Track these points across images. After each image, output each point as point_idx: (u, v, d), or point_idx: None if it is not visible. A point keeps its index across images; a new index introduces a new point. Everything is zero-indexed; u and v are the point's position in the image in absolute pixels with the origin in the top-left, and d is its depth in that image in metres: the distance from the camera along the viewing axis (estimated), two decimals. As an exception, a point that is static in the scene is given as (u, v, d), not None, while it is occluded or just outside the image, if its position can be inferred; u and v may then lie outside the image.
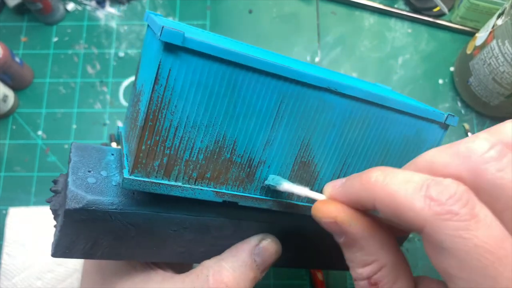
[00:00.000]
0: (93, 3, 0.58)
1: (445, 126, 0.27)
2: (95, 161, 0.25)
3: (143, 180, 0.22)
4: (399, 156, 0.27)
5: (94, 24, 0.57)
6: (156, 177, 0.22)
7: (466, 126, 0.52)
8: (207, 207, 0.25)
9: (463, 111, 0.53)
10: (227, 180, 0.24)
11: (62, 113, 0.53)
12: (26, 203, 0.50)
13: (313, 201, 0.23)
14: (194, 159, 0.23)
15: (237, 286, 0.25)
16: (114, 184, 0.24)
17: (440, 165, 0.18)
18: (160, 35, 0.19)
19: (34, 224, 0.46)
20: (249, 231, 0.27)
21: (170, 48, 0.20)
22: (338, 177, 0.26)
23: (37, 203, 0.49)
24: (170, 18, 0.57)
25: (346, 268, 0.32)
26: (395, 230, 0.21)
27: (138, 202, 0.24)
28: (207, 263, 0.26)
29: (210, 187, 0.24)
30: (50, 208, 0.24)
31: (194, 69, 0.21)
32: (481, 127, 0.52)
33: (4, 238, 0.46)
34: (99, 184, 0.24)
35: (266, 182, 0.24)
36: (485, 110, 0.51)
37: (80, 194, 0.23)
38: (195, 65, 0.21)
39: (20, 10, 0.57)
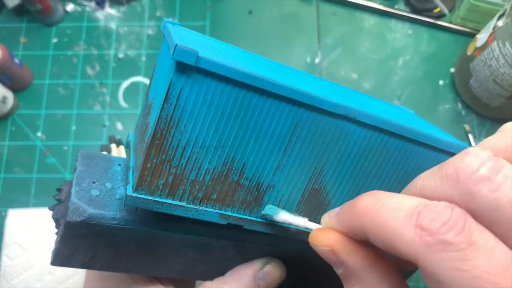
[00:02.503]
0: (93, 4, 0.58)
1: None
2: (101, 171, 0.25)
3: (147, 198, 0.22)
4: None
5: (93, 25, 0.57)
6: (160, 195, 0.22)
7: (467, 127, 0.52)
8: (210, 228, 0.25)
9: (463, 112, 0.53)
10: (233, 202, 0.24)
11: (61, 115, 0.53)
12: (25, 204, 0.49)
13: None
14: (200, 179, 0.22)
15: None
16: (118, 197, 0.24)
17: (430, 190, 0.17)
18: (173, 53, 0.19)
19: (34, 225, 0.46)
20: (252, 254, 0.27)
21: (183, 67, 0.19)
22: None
23: (36, 204, 0.49)
24: (170, 19, 0.57)
25: None
26: (400, 262, 0.19)
27: (140, 219, 0.23)
28: (209, 285, 0.25)
29: (215, 209, 0.23)
30: (52, 217, 0.24)
31: (206, 89, 0.20)
32: (482, 128, 0.52)
33: (3, 240, 0.46)
34: (102, 197, 0.23)
35: (263, 212, 0.24)
36: (486, 112, 0.51)
37: (82, 207, 0.22)
38: (207, 86, 0.20)
39: (19, 11, 0.57)
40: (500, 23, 0.43)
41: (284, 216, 0.23)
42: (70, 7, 0.58)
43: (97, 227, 0.23)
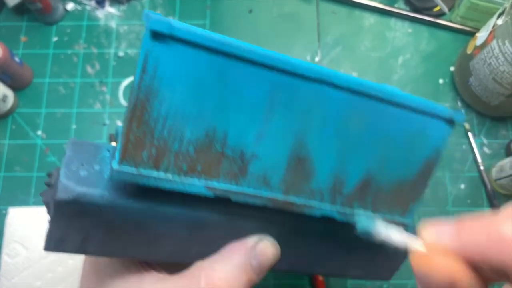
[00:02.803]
0: (93, 3, 0.58)
1: (451, 123, 0.26)
2: (90, 155, 0.25)
3: (132, 172, 0.22)
4: (401, 154, 0.26)
5: (93, 24, 0.57)
6: (145, 168, 0.22)
7: (467, 125, 0.52)
8: (200, 203, 0.25)
9: (463, 111, 0.53)
10: (218, 174, 0.23)
11: (61, 113, 0.53)
12: (25, 203, 0.49)
13: (310, 204, 0.22)
14: (184, 151, 0.22)
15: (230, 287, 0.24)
16: (105, 177, 0.24)
17: None
18: (148, 23, 0.19)
19: (34, 224, 0.46)
20: (245, 231, 0.26)
21: (158, 36, 0.20)
22: (335, 174, 0.25)
23: (36, 203, 0.49)
24: (170, 18, 0.57)
25: (346, 275, 0.31)
26: None
27: (129, 196, 0.24)
28: (200, 264, 0.25)
29: (201, 181, 0.23)
30: (43, 201, 0.24)
31: (182, 58, 0.20)
32: (481, 126, 0.52)
33: (3, 238, 0.46)
34: (90, 177, 0.24)
35: (358, 227, 0.23)
36: (486, 110, 0.51)
37: (70, 186, 0.23)
38: (183, 54, 0.20)
39: (19, 10, 0.57)
40: (500, 22, 0.43)
41: (382, 229, 0.21)
42: (70, 6, 0.58)
43: (86, 206, 0.23)
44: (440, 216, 0.48)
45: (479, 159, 0.50)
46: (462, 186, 0.50)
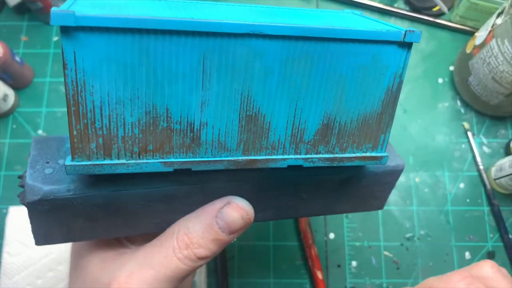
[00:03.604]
0: (93, 3, 0.58)
1: (406, 45, 0.24)
2: (54, 151, 0.26)
3: (85, 164, 0.22)
4: (358, 89, 0.25)
5: (94, 24, 0.57)
6: (97, 158, 0.23)
7: (466, 125, 0.52)
8: (164, 177, 0.26)
9: (462, 110, 0.53)
10: (172, 148, 0.24)
11: (62, 112, 0.53)
12: (26, 202, 0.50)
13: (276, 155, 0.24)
14: (130, 134, 0.23)
15: (201, 246, 0.25)
16: None
17: None
18: (50, 20, 0.19)
19: (35, 223, 0.46)
20: (217, 194, 0.27)
21: (67, 30, 0.19)
22: (292, 124, 0.25)
23: (37, 202, 0.49)
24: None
25: (334, 213, 0.32)
26: None
27: (94, 185, 0.25)
28: (177, 222, 0.27)
29: (156, 159, 0.24)
30: (20, 203, 0.25)
31: (98, 45, 0.20)
32: (481, 126, 0.52)
33: (4, 237, 0.46)
34: (55, 173, 0.25)
35: None
36: (485, 109, 0.52)
37: (37, 186, 0.24)
38: (98, 41, 0.20)
39: (20, 9, 0.57)
40: (499, 21, 0.43)
41: None
42: (70, 5, 0.58)
43: (56, 201, 0.24)
44: (439, 215, 0.49)
45: (478, 158, 0.50)
46: (462, 185, 0.50)
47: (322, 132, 0.26)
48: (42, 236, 0.25)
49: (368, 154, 0.27)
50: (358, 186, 0.31)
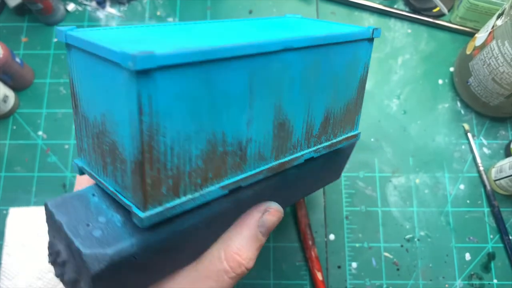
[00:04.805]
0: (94, 4, 0.58)
1: (372, 40, 0.29)
2: (84, 210, 0.23)
3: (159, 211, 0.21)
4: (345, 82, 0.29)
5: (94, 25, 0.57)
6: (167, 201, 0.22)
7: (466, 126, 0.52)
8: (208, 202, 0.25)
9: (462, 111, 0.53)
10: (226, 171, 0.24)
11: (62, 113, 0.53)
12: (26, 203, 0.50)
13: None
14: (194, 167, 0.22)
15: (251, 259, 0.26)
16: (120, 225, 0.23)
17: None
18: (133, 64, 0.17)
19: (35, 224, 0.46)
20: (247, 204, 0.28)
21: (145, 73, 0.18)
22: (306, 123, 0.28)
23: (37, 203, 0.49)
24: (170, 19, 0.58)
25: (312, 192, 0.36)
26: None
27: (151, 231, 0.23)
28: (214, 246, 0.26)
29: (215, 185, 0.24)
30: (64, 280, 0.22)
31: (171, 83, 0.20)
32: (481, 127, 0.52)
33: (4, 238, 0.46)
34: (106, 233, 0.22)
35: None
36: (485, 110, 0.52)
37: (98, 253, 0.21)
38: (171, 79, 0.19)
39: (20, 10, 0.57)
40: (499, 22, 0.43)
41: None
42: (71, 6, 0.58)
43: (121, 263, 0.22)
44: (439, 217, 0.49)
45: (478, 159, 0.50)
46: (462, 186, 0.50)
47: (323, 125, 0.29)
48: None
49: (349, 134, 0.32)
50: (331, 164, 0.35)
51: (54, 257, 0.23)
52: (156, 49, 0.18)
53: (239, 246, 0.26)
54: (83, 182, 0.29)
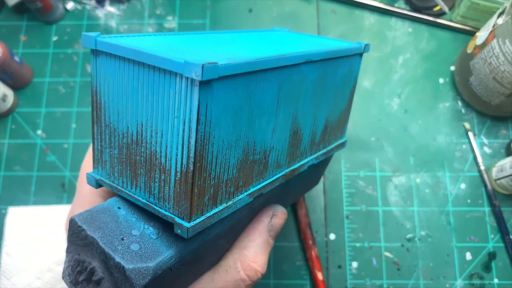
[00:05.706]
0: (93, 2, 0.58)
1: (362, 54, 0.32)
2: (115, 224, 0.22)
3: (201, 220, 0.21)
4: (342, 93, 0.31)
5: (93, 23, 0.57)
6: (208, 210, 0.22)
7: (467, 125, 0.52)
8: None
9: (463, 111, 0.53)
10: (252, 179, 0.25)
11: (61, 112, 0.53)
12: (25, 202, 0.49)
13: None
14: (230, 176, 0.23)
15: (266, 264, 0.27)
16: (155, 237, 0.22)
17: None
18: (200, 75, 0.18)
19: (34, 223, 0.46)
20: (257, 209, 0.28)
21: (206, 84, 0.18)
22: (312, 132, 0.29)
23: (36, 202, 0.49)
24: (170, 18, 0.57)
25: (301, 196, 0.37)
26: None
27: (185, 242, 0.23)
28: (229, 256, 0.27)
29: (244, 193, 0.24)
30: None
31: (224, 93, 0.20)
32: (482, 126, 0.52)
33: (3, 238, 0.46)
34: (144, 246, 0.22)
35: None
36: (486, 110, 0.51)
37: (141, 267, 0.20)
38: (225, 89, 0.20)
39: (19, 9, 0.57)
40: (500, 21, 0.43)
41: None
42: (70, 5, 0.58)
43: (162, 276, 0.21)
44: (440, 216, 0.48)
45: (479, 158, 0.50)
46: (462, 185, 0.50)
47: (323, 133, 0.30)
48: None
49: (339, 142, 0.34)
50: (316, 171, 0.36)
51: (86, 275, 0.22)
52: (217, 60, 0.19)
53: (254, 254, 0.26)
54: (83, 193, 0.28)
